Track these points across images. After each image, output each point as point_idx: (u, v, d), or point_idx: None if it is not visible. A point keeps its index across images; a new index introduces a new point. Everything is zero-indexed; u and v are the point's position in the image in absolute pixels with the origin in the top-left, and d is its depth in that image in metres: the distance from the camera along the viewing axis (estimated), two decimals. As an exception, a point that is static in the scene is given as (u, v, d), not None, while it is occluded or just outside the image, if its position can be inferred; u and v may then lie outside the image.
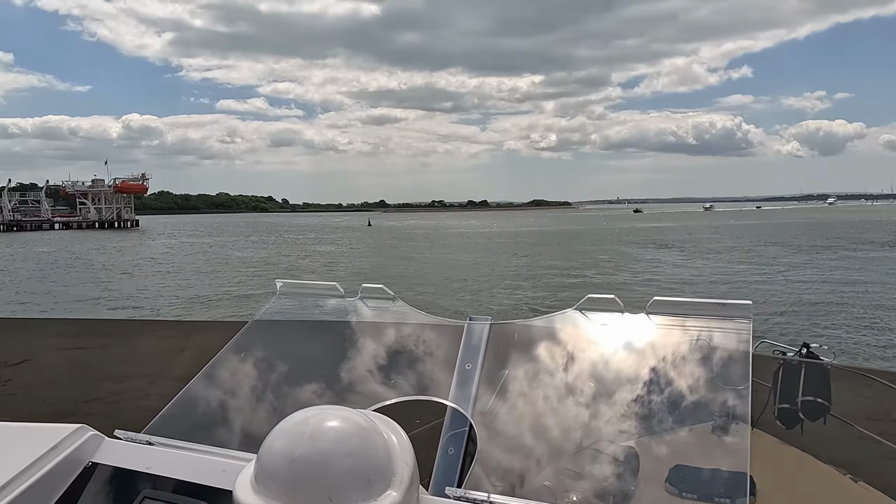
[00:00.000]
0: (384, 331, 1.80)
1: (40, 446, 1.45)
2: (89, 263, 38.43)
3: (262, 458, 1.06)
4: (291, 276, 27.04)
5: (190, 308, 20.82)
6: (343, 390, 1.68)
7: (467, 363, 1.59)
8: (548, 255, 39.75)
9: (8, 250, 50.59)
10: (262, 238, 66.01)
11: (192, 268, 35.21)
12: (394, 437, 1.15)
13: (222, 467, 1.41)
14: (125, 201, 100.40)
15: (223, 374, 1.79)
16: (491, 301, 21.10)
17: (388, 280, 2.18)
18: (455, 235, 70.16)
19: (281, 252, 46.77)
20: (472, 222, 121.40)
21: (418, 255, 40.90)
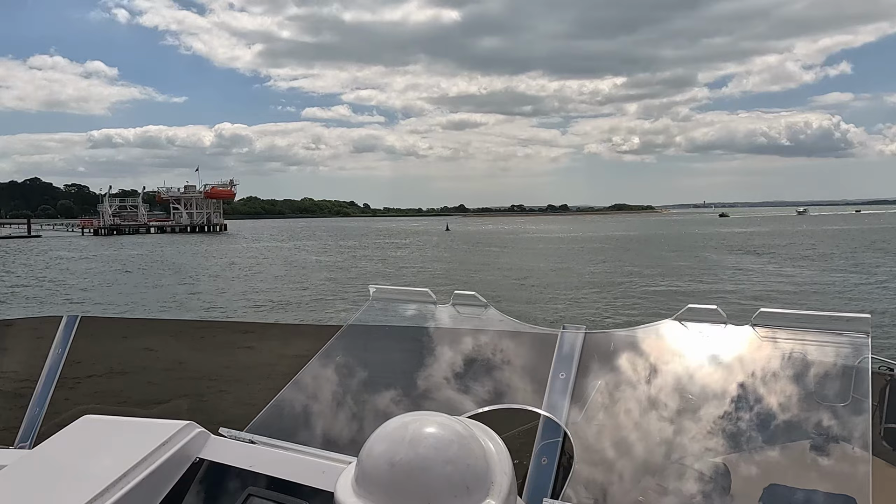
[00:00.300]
0: (477, 338, 1.79)
1: (152, 441, 1.53)
2: (181, 266, 40.55)
3: (362, 461, 1.08)
4: (364, 281, 27.68)
5: (275, 310, 21.57)
6: (436, 396, 1.68)
7: (561, 372, 1.57)
8: (630, 261, 38.60)
9: (109, 252, 54.21)
10: (340, 243, 67.45)
11: (273, 271, 36.52)
12: (491, 444, 1.15)
13: (321, 468, 1.45)
14: (214, 206, 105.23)
15: (319, 377, 1.83)
16: (573, 309, 20.74)
17: (464, 286, 2.17)
18: (533, 240, 69.41)
19: (358, 256, 47.66)
20: (550, 227, 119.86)
21: (495, 261, 40.58)
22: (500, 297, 21.91)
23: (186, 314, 20.38)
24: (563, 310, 20.46)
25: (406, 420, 1.10)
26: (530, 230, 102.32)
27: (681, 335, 1.59)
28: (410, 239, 75.53)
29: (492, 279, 29.73)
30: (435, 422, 1.10)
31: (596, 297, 23.14)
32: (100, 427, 1.68)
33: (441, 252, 51.62)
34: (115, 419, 1.71)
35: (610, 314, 19.38)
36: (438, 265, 39.41)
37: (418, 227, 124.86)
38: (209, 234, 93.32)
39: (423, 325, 1.86)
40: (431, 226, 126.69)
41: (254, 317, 20.21)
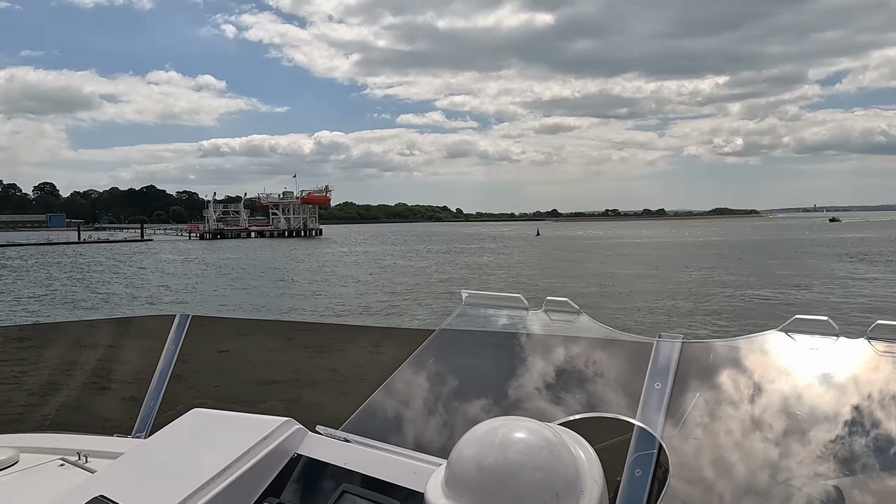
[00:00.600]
0: (569, 345, 1.77)
1: (253, 436, 1.60)
2: (273, 269, 42.34)
3: (452, 463, 1.09)
4: (449, 286, 27.77)
5: (364, 313, 22.13)
6: (527, 403, 1.67)
7: (657, 382, 1.52)
8: (728, 267, 36.65)
9: (209, 255, 57.37)
10: (428, 247, 67.86)
11: (360, 275, 37.44)
12: (582, 452, 1.14)
13: (413, 469, 1.47)
14: (311, 211, 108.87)
15: (412, 380, 1.86)
16: (666, 317, 19.99)
17: (553, 291, 2.15)
18: (625, 245, 67.34)
19: (446, 261, 47.86)
20: (644, 231, 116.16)
21: (584, 267, 39.68)
22: (589, 304, 21.48)
23: (281, 315, 21.31)
24: (656, 318, 19.74)
25: (496, 424, 1.11)
26: (621, 235, 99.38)
27: (788, 348, 1.50)
28: (499, 244, 75.23)
29: (581, 285, 29.07)
30: (525, 427, 1.10)
31: (691, 306, 22.14)
32: (207, 420, 1.78)
33: (530, 257, 50.93)
34: (220, 413, 1.80)
35: (706, 324, 18.52)
36: (527, 270, 38.88)
37: (509, 231, 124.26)
38: (305, 239, 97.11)
39: (514, 332, 1.85)
40: (522, 231, 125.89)
41: (346, 319, 20.81)
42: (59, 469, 1.96)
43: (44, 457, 2.04)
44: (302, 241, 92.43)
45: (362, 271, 40.15)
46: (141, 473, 1.57)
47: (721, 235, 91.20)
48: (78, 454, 2.02)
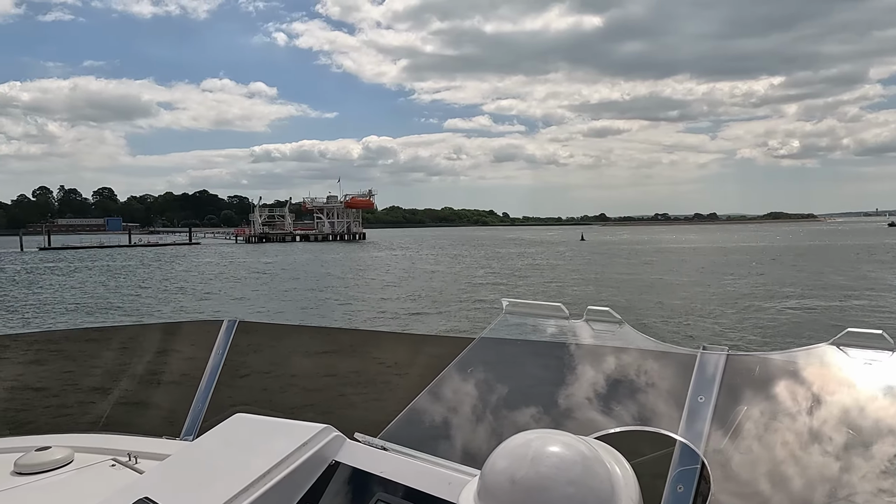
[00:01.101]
0: (609, 356, 1.74)
1: (293, 442, 1.62)
2: (310, 273, 42.91)
3: (485, 475, 1.09)
4: (473, 293, 27.47)
5: (401, 318, 22.22)
6: (564, 414, 1.65)
7: (700, 396, 1.48)
8: (778, 275, 35.30)
9: (250, 259, 58.77)
10: (465, 252, 67.37)
11: (396, 279, 37.65)
12: (618, 468, 1.12)
13: (448, 479, 1.47)
14: (354, 216, 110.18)
15: (450, 389, 1.86)
16: (710, 327, 19.43)
17: (594, 300, 2.10)
18: (670, 251, 65.78)
19: (477, 266, 47.44)
20: (692, 236, 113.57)
21: (625, 273, 38.69)
22: (629, 311, 21.07)
23: (319, 320, 21.66)
24: (700, 328, 19.19)
25: (530, 437, 1.10)
26: (668, 240, 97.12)
27: (839, 362, 1.45)
28: (540, 248, 74.57)
29: (621, 292, 28.46)
30: (559, 441, 1.09)
31: (737, 316, 21.38)
32: (249, 425, 1.82)
33: (572, 263, 50.01)
34: (261, 419, 1.84)
35: (752, 335, 17.91)
36: (564, 276, 38.08)
37: (552, 236, 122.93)
38: (348, 242, 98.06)
39: (555, 341, 1.83)
40: (566, 235, 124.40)
41: (384, 325, 20.95)
42: (111, 469, 2.04)
43: (96, 457, 2.12)
44: (345, 244, 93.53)
45: (388, 275, 40.33)
46: (184, 477, 1.62)
47: (773, 241, 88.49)
48: (128, 455, 2.09)
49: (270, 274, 42.87)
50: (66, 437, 2.25)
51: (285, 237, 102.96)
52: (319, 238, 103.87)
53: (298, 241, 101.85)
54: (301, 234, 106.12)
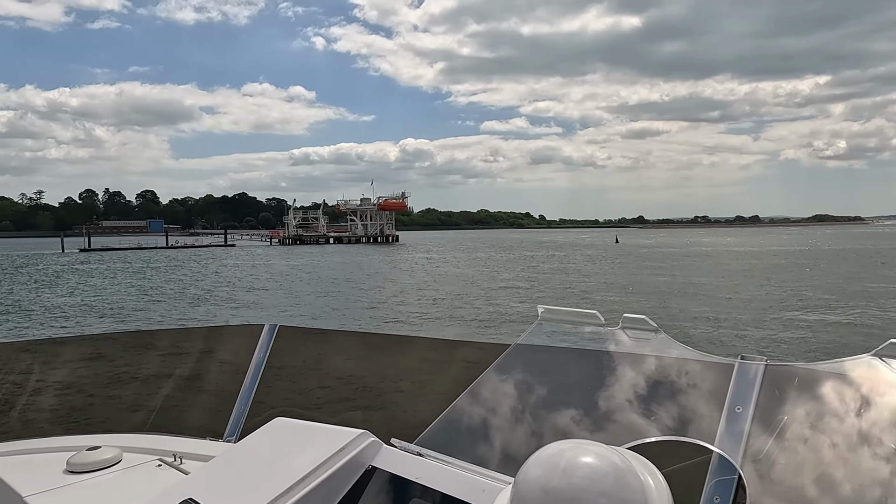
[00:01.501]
0: (645, 364, 1.73)
1: (330, 447, 1.67)
2: (337, 276, 43.24)
3: (517, 485, 1.09)
4: (491, 298, 27.03)
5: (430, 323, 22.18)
6: (599, 423, 1.66)
7: (737, 406, 1.46)
8: (814, 281, 33.83)
9: (281, 262, 59.58)
10: (493, 255, 66.63)
11: (423, 282, 37.64)
12: (651, 479, 1.11)
13: (482, 486, 1.49)
14: (387, 218, 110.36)
15: (486, 395, 1.88)
16: (745, 335, 18.92)
17: (626, 306, 2.08)
18: (705, 255, 64.04)
19: (502, 269, 46.93)
20: (728, 239, 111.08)
21: (657, 277, 37.57)
22: (661, 317, 20.66)
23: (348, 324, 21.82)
24: (731, 337, 18.61)
25: (563, 447, 1.10)
26: (705, 243, 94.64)
27: (882, 372, 1.41)
28: (570, 251, 73.57)
29: (652, 298, 27.79)
30: (592, 451, 1.08)
31: (775, 324, 20.70)
32: (288, 429, 1.86)
33: (599, 266, 48.88)
34: (300, 423, 1.89)
35: (791, 345, 17.39)
36: (593, 280, 37.02)
37: (587, 238, 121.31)
38: (381, 245, 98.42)
39: (590, 349, 1.83)
40: (601, 238, 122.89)
41: (417, 329, 20.97)
42: (157, 469, 2.11)
43: (143, 457, 2.19)
44: (378, 246, 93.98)
45: (407, 277, 40.36)
46: (226, 479, 1.67)
47: (814, 244, 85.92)
48: (174, 456, 2.16)
49: (291, 277, 43.39)
50: (115, 438, 2.34)
51: (318, 239, 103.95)
52: (353, 240, 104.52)
53: (332, 243, 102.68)
54: (335, 236, 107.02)
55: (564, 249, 79.26)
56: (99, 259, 64.94)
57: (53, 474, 2.06)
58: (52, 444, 2.34)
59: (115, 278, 42.92)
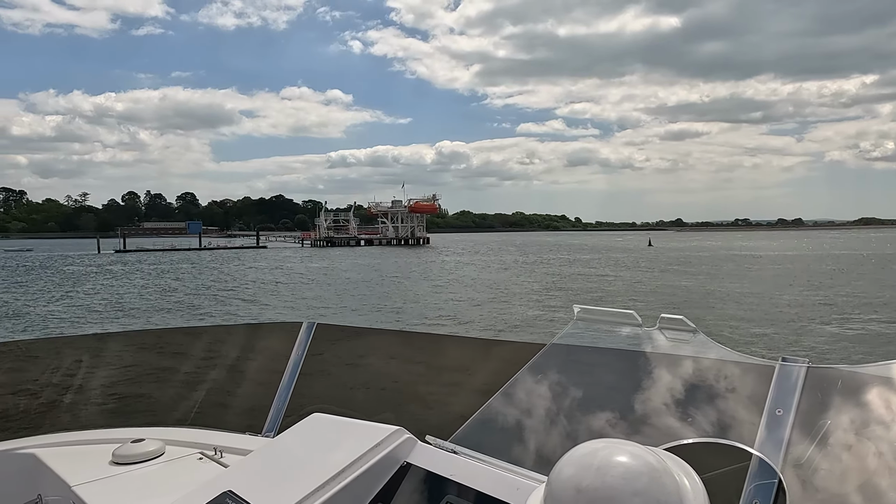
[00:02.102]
0: (683, 365, 1.70)
1: (366, 443, 1.69)
2: (364, 278, 43.46)
3: (551, 483, 1.09)
4: (498, 302, 26.51)
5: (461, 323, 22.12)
6: (635, 423, 1.64)
7: (778, 408, 1.43)
8: (856, 286, 32.41)
9: (305, 263, 60.14)
10: (517, 258, 65.56)
11: (449, 282, 37.67)
12: (686, 480, 1.10)
13: (516, 485, 1.50)
14: (418, 220, 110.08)
15: (521, 394, 1.88)
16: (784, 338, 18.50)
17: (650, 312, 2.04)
18: (744, 258, 62.52)
19: (521, 272, 46.40)
20: (764, 243, 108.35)
21: (685, 282, 36.21)
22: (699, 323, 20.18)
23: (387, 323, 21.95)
24: (774, 341, 18.15)
25: (597, 446, 1.10)
26: (739, 247, 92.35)
27: None
28: (601, 255, 72.14)
29: (693, 302, 27.21)
30: (626, 451, 1.08)
31: (815, 327, 20.11)
32: (325, 425, 1.90)
33: (622, 270, 47.36)
34: (336, 419, 1.91)
35: (833, 347, 16.87)
36: (619, 284, 35.59)
37: (619, 242, 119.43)
38: (410, 247, 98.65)
39: (627, 349, 1.81)
40: (634, 241, 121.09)
41: (455, 330, 20.97)
42: (198, 462, 2.16)
43: (185, 450, 2.26)
44: (408, 249, 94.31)
45: (420, 280, 40.06)
46: (265, 472, 1.71)
47: (858, 247, 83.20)
48: (215, 449, 2.22)
49: (310, 278, 43.80)
50: (159, 431, 2.41)
51: (349, 241, 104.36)
52: (384, 242, 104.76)
53: (363, 245, 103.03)
54: (365, 239, 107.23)
55: (594, 253, 78.03)
56: (131, 260, 66.71)
57: (99, 465, 2.13)
58: (98, 436, 2.42)
59: (143, 278, 44.14)
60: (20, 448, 2.29)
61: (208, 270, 51.37)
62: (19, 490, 2.16)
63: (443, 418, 2.05)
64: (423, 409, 2.55)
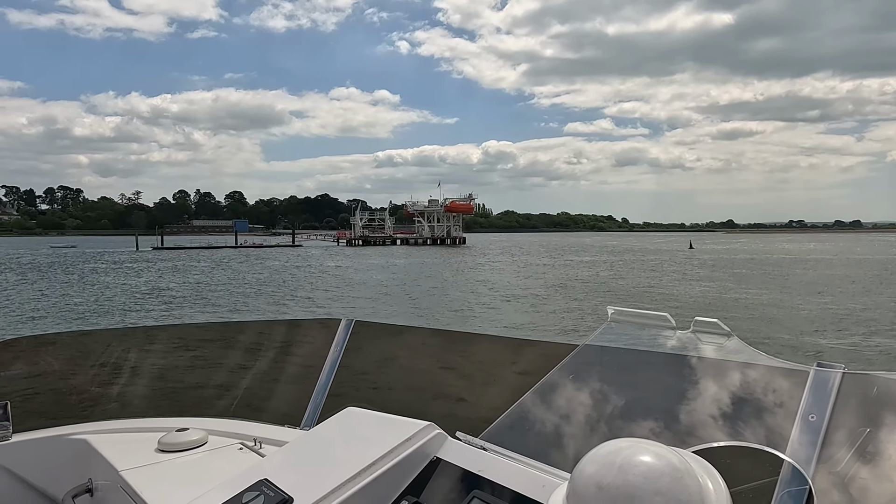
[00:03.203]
0: (716, 368, 1.69)
1: (398, 437, 1.73)
2: (389, 277, 43.72)
3: (573, 480, 1.11)
4: (490, 308, 25.82)
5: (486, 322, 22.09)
6: (664, 425, 1.64)
7: (811, 414, 1.41)
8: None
9: (333, 261, 61.40)
10: (543, 261, 63.89)
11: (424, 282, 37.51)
12: (710, 482, 1.10)
13: (543, 482, 1.51)
14: (454, 220, 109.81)
15: (551, 394, 1.89)
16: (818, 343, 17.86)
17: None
18: (792, 262, 60.02)
19: (536, 274, 45.62)
20: (826, 245, 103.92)
21: (731, 290, 33.57)
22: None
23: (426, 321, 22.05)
24: (809, 346, 17.50)
25: (621, 445, 1.11)
26: (778, 249, 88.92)
27: None
28: (626, 257, 69.77)
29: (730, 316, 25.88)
30: (649, 450, 1.08)
31: (857, 336, 19.21)
32: (359, 418, 1.94)
33: (661, 277, 43.75)
34: (370, 413, 1.95)
35: (871, 353, 16.19)
36: (644, 293, 32.21)
37: (659, 244, 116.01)
38: (446, 247, 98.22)
39: (659, 351, 1.81)
40: (676, 243, 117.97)
41: (489, 329, 20.93)
42: (238, 452, 2.24)
43: (227, 440, 2.34)
44: (442, 248, 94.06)
45: (431, 282, 39.53)
46: (300, 462, 1.76)
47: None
48: (254, 440, 2.30)
49: (345, 273, 44.47)
50: (202, 421, 2.49)
51: (385, 241, 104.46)
52: (419, 242, 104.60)
53: (399, 244, 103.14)
54: (401, 238, 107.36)
55: (629, 254, 75.68)
56: (166, 257, 68.71)
57: (146, 452, 2.22)
58: (145, 424, 2.52)
59: (156, 274, 45.71)
60: (73, 434, 2.40)
61: (220, 269, 52.50)
62: (71, 473, 2.27)
63: (474, 415, 2.08)
64: (454, 405, 2.57)
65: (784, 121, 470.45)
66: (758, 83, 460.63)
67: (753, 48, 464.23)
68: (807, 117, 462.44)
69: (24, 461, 2.31)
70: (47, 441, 2.37)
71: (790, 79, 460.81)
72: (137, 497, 1.89)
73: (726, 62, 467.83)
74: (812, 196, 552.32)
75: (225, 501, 1.58)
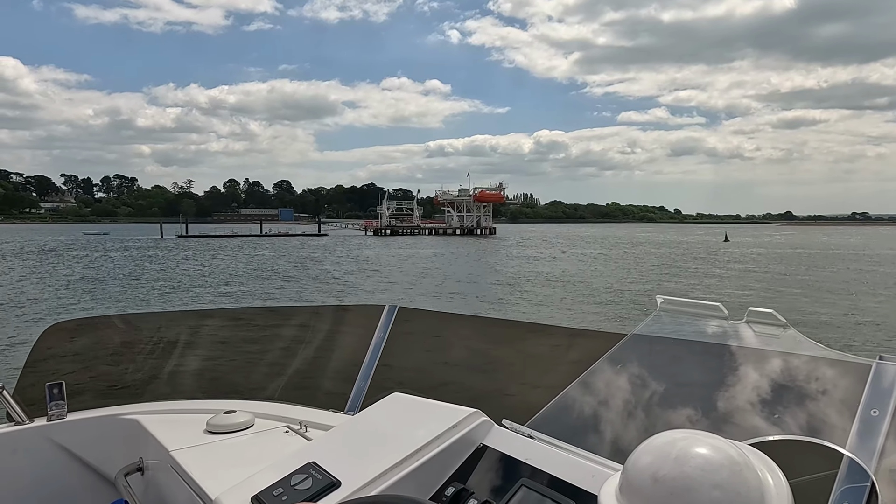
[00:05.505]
0: (771, 360, 1.64)
1: (444, 423, 1.73)
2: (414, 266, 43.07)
3: (627, 470, 1.08)
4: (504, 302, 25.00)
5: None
6: (718, 417, 1.60)
7: (873, 409, 1.35)
8: None
9: (349, 252, 60.39)
10: (555, 254, 59.50)
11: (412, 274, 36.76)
12: (770, 477, 1.07)
13: (591, 472, 1.49)
14: (484, 210, 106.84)
15: (598, 383, 1.87)
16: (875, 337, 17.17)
17: None
18: (843, 258, 55.98)
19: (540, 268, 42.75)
20: (854, 240, 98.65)
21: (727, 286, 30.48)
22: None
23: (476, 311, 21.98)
24: (865, 340, 16.79)
25: (676, 436, 1.08)
26: (815, 244, 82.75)
27: None
28: (642, 250, 64.85)
29: None
30: (706, 442, 1.05)
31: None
32: (405, 404, 1.95)
33: (648, 274, 38.18)
34: (416, 399, 1.97)
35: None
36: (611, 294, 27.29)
37: (695, 237, 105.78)
38: (474, 237, 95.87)
39: (710, 341, 1.76)
40: (712, 236, 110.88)
41: (533, 317, 20.78)
42: (284, 435, 2.28)
43: (273, 423, 2.38)
44: (470, 238, 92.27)
45: (423, 275, 37.88)
46: (347, 446, 1.78)
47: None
48: (300, 423, 2.33)
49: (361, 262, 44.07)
50: (249, 404, 2.55)
51: (413, 230, 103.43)
52: (448, 232, 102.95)
53: (428, 234, 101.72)
54: (430, 228, 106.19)
55: (652, 247, 71.32)
56: (188, 245, 69.46)
57: (195, 433, 2.29)
58: (194, 406, 2.59)
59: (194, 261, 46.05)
60: (125, 413, 2.49)
61: (252, 255, 52.83)
62: (124, 451, 2.34)
63: (520, 403, 2.06)
64: (500, 393, 2.55)
65: (850, 108, 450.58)
66: (822, 70, 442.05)
67: (817, 33, 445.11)
68: (875, 105, 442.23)
69: (79, 439, 2.40)
70: (101, 420, 2.45)
71: (857, 65, 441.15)
72: (187, 476, 1.94)
73: (788, 48, 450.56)
74: (879, 187, 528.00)
75: (274, 482, 1.61)
